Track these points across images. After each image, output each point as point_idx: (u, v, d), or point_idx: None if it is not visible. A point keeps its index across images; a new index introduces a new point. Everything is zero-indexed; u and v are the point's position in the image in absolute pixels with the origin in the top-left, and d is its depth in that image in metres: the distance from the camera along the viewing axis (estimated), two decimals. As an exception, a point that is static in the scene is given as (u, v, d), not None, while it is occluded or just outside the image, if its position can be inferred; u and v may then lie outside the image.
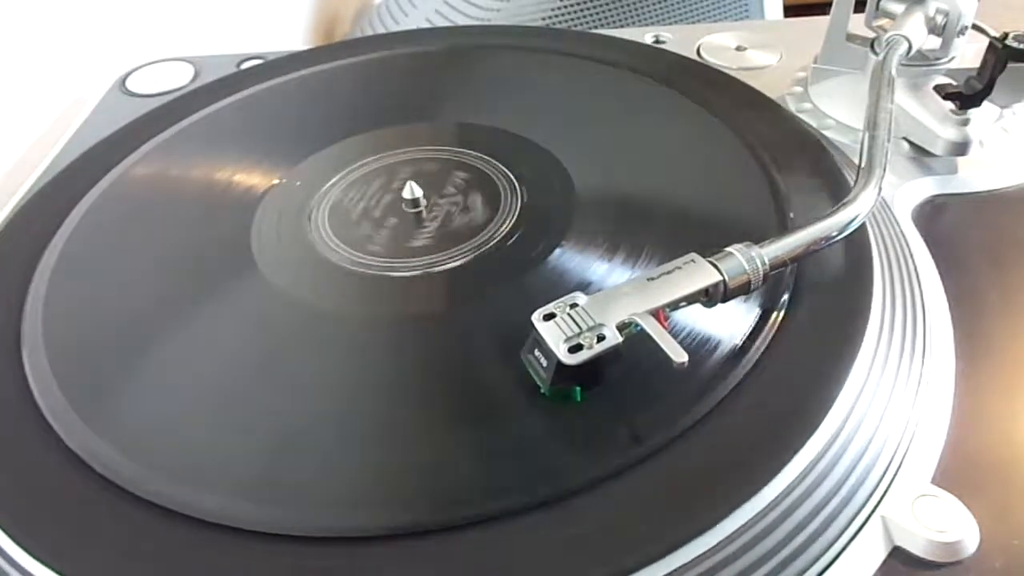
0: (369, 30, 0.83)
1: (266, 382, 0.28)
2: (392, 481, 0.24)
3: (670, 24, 0.78)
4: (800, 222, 0.29)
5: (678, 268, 0.26)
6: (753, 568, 0.22)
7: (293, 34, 0.83)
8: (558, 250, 0.31)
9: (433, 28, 0.60)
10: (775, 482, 0.23)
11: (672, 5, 0.77)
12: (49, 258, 0.34)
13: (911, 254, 0.32)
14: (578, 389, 0.25)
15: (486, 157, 0.37)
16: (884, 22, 0.41)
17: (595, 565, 0.21)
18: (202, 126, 0.42)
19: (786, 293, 0.28)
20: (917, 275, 0.31)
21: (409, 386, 0.27)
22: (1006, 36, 0.36)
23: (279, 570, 0.22)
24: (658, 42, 0.50)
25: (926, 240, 0.34)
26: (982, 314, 0.31)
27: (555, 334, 0.24)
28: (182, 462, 0.25)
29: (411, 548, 0.22)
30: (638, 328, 0.24)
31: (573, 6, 0.75)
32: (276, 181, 0.37)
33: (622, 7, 0.76)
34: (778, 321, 0.27)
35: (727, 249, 0.26)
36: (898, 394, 0.27)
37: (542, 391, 0.25)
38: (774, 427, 0.24)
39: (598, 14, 0.76)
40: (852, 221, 0.28)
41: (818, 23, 0.45)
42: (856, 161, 0.31)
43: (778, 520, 0.23)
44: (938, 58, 0.40)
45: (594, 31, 0.55)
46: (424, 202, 0.34)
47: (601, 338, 0.24)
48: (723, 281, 0.26)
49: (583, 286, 0.29)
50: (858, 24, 0.42)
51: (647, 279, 0.26)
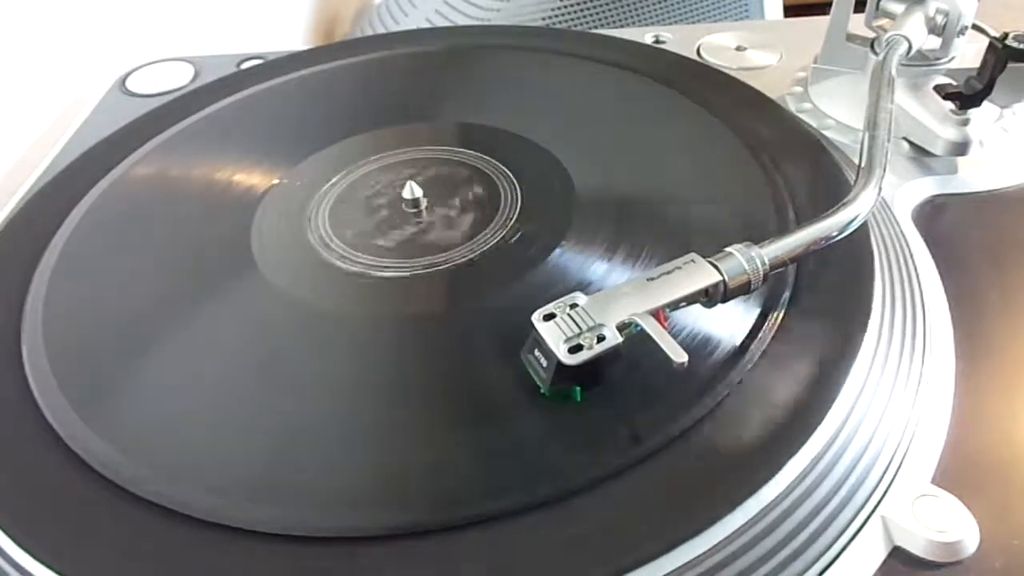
0: (369, 30, 0.83)
1: (266, 382, 0.28)
2: (392, 481, 0.24)
3: (670, 24, 0.78)
4: (800, 222, 0.29)
5: (678, 268, 0.26)
6: (753, 568, 0.22)
7: (293, 34, 0.83)
8: (558, 250, 0.31)
9: (433, 28, 0.60)
10: (775, 482, 0.23)
11: (672, 5, 0.77)
12: (49, 258, 0.34)
13: (911, 254, 0.32)
14: (578, 389, 0.25)
15: (486, 157, 0.37)
16: (884, 22, 0.41)
17: (595, 565, 0.21)
18: (202, 126, 0.42)
19: (786, 293, 0.28)
20: (917, 275, 0.31)
21: (409, 386, 0.27)
22: (1006, 36, 0.36)
23: (279, 570, 0.22)
24: (658, 42, 0.50)
25: (926, 240, 0.34)
26: (982, 314, 0.31)
27: (555, 334, 0.24)
28: (182, 462, 0.25)
29: (411, 548, 0.22)
30: (638, 328, 0.24)
31: (573, 6, 0.75)
32: (276, 181, 0.37)
33: (622, 7, 0.76)
34: (778, 321, 0.27)
35: (727, 249, 0.26)
36: (898, 394, 0.27)
37: (542, 391, 0.25)
38: (774, 427, 0.24)
39: (598, 14, 0.76)
40: (852, 221, 0.28)
41: (818, 23, 0.45)
42: (856, 161, 0.31)
43: (778, 520, 0.23)
44: (938, 58, 0.40)
45: (594, 31, 0.55)
46: (424, 202, 0.34)
47: (601, 338, 0.24)
48: (723, 281, 0.26)
49: (583, 286, 0.29)
50: (858, 24, 0.42)
51: (647, 279, 0.26)
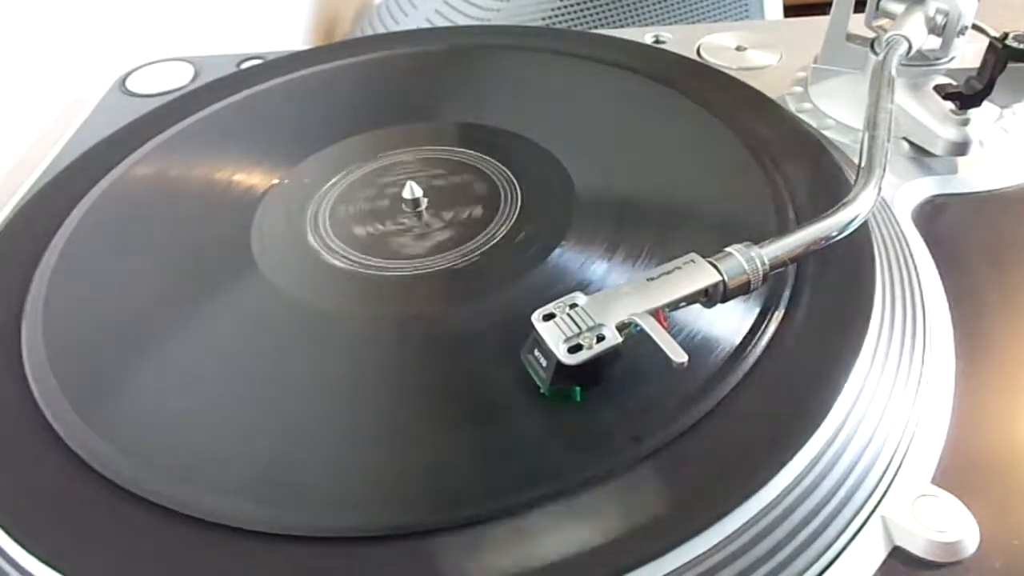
0: (369, 30, 0.83)
1: (266, 382, 0.28)
2: (392, 481, 0.24)
3: (670, 24, 0.78)
4: (800, 222, 0.29)
5: (678, 268, 0.26)
6: (753, 568, 0.22)
7: (293, 34, 0.83)
8: (558, 250, 0.31)
9: (433, 28, 0.60)
10: (775, 482, 0.23)
11: (672, 5, 0.77)
12: (49, 258, 0.34)
13: (911, 254, 0.32)
14: (578, 389, 0.25)
15: (486, 157, 0.37)
16: (884, 22, 0.40)
17: (595, 565, 0.21)
18: (202, 126, 0.42)
19: (786, 293, 0.28)
20: (917, 275, 0.31)
21: (409, 386, 0.27)
22: (1006, 36, 0.36)
23: (279, 570, 0.22)
24: (658, 42, 0.50)
25: (926, 240, 0.34)
26: (982, 314, 0.31)
27: (555, 334, 0.24)
28: (182, 462, 0.25)
29: (411, 548, 0.22)
30: (638, 328, 0.24)
31: (573, 6, 0.75)
32: (276, 181, 0.37)
33: (622, 7, 0.76)
34: (778, 321, 0.27)
35: (727, 249, 0.26)
36: (898, 394, 0.27)
37: (542, 391, 0.25)
38: (774, 427, 0.24)
39: (598, 14, 0.76)
40: (852, 221, 0.28)
41: (818, 23, 0.45)
42: (856, 161, 0.31)
43: (778, 520, 0.23)
44: (938, 58, 0.40)
45: (594, 31, 0.55)
46: (424, 202, 0.34)
47: (601, 338, 0.24)
48: (723, 281, 0.26)
49: (583, 286, 0.29)
50: (858, 24, 0.42)
51: (647, 279, 0.26)
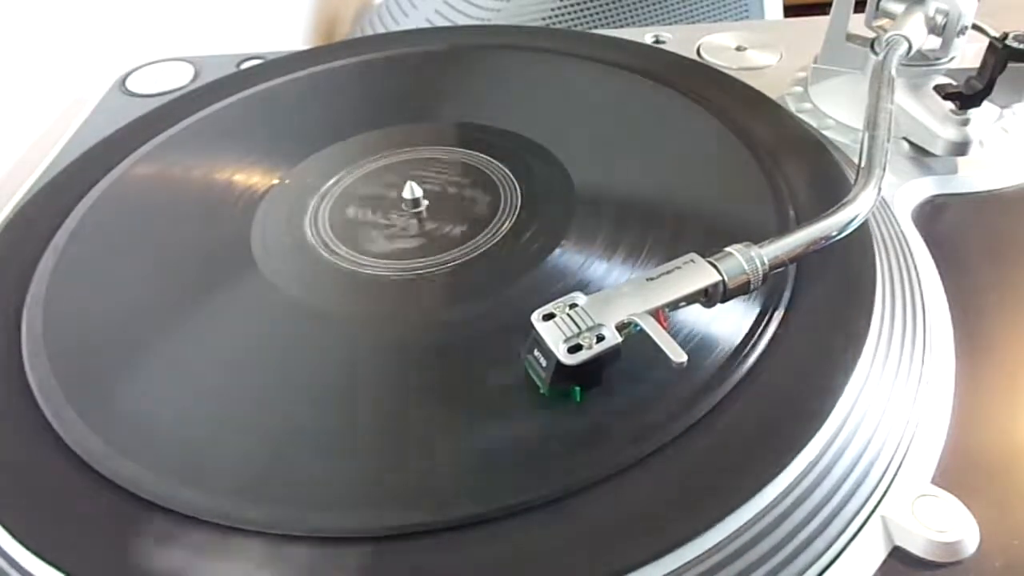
0: (369, 30, 0.83)
1: (266, 382, 0.28)
2: (391, 481, 0.24)
3: (670, 24, 0.78)
4: (800, 222, 0.29)
5: (677, 268, 0.26)
6: (753, 568, 0.22)
7: (293, 34, 0.83)
8: (558, 250, 0.31)
9: (433, 28, 0.60)
10: (775, 482, 0.23)
11: (672, 5, 0.77)
12: (49, 258, 0.34)
13: (911, 254, 0.32)
14: (577, 389, 0.25)
15: (486, 157, 0.37)
16: (884, 22, 0.40)
17: (595, 565, 0.21)
18: (202, 126, 0.42)
19: (786, 293, 0.28)
20: (917, 275, 0.31)
21: (409, 386, 0.27)
22: (1006, 36, 0.36)
23: (279, 570, 0.22)
24: (658, 42, 0.50)
25: (926, 240, 0.34)
26: (982, 314, 0.31)
27: (554, 334, 0.24)
28: (182, 462, 0.25)
29: (412, 548, 0.22)
30: (637, 328, 0.24)
31: (573, 6, 0.75)
32: (276, 181, 0.37)
33: (622, 7, 0.76)
34: (778, 321, 0.27)
35: (727, 249, 0.26)
36: (898, 394, 0.27)
37: (541, 391, 0.25)
38: (774, 427, 0.24)
39: (598, 14, 0.76)
40: (852, 221, 0.28)
41: (818, 23, 0.45)
42: (856, 161, 0.31)
43: (778, 520, 0.23)
44: (938, 58, 0.40)
45: (594, 31, 0.55)
46: (424, 202, 0.34)
47: (600, 338, 0.24)
48: (722, 281, 0.26)
49: (583, 286, 0.29)
50: (858, 24, 0.42)
51: (646, 279, 0.26)
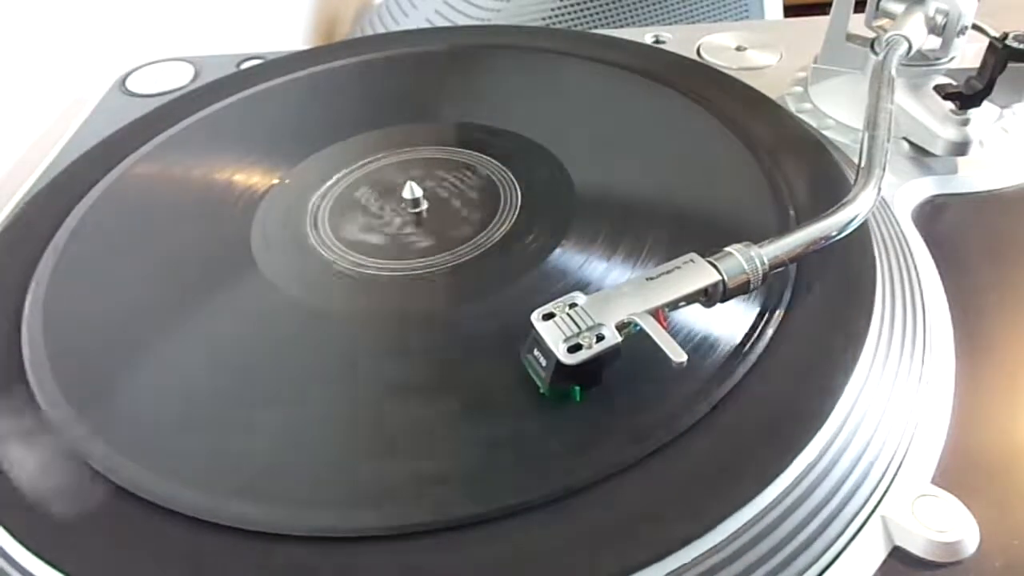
0: (369, 30, 0.83)
1: (266, 382, 0.28)
2: (392, 481, 0.24)
3: (670, 24, 0.78)
4: (800, 222, 0.29)
5: (677, 268, 0.26)
6: (753, 568, 0.22)
7: (293, 34, 0.83)
8: (558, 250, 0.31)
9: (433, 28, 0.60)
10: (776, 482, 0.23)
11: (672, 5, 0.77)
12: (49, 258, 0.34)
13: (911, 254, 0.32)
14: (577, 389, 0.25)
15: (486, 157, 0.37)
16: (884, 22, 0.40)
17: (595, 565, 0.21)
18: (202, 126, 0.42)
19: (786, 293, 0.28)
20: (917, 275, 0.31)
21: (409, 386, 0.27)
22: (1006, 36, 0.36)
23: (279, 570, 0.22)
24: (658, 42, 0.50)
25: (926, 240, 0.34)
26: (982, 314, 0.31)
27: (554, 334, 0.24)
28: (182, 462, 0.25)
29: (411, 548, 0.22)
30: (637, 328, 0.24)
31: (573, 6, 0.75)
32: (276, 181, 0.37)
33: (622, 7, 0.76)
34: (778, 321, 0.27)
35: (726, 249, 0.26)
36: (898, 394, 0.27)
37: (541, 391, 0.25)
38: (774, 427, 0.24)
39: (598, 14, 0.76)
40: (852, 221, 0.28)
41: (818, 23, 0.45)
42: (856, 161, 0.31)
43: (778, 520, 0.23)
44: (938, 58, 0.40)
45: (594, 31, 0.55)
46: (424, 202, 0.34)
47: (600, 338, 0.24)
48: (722, 281, 0.26)
49: (583, 286, 0.29)
50: (858, 24, 0.42)
51: (646, 279, 0.26)
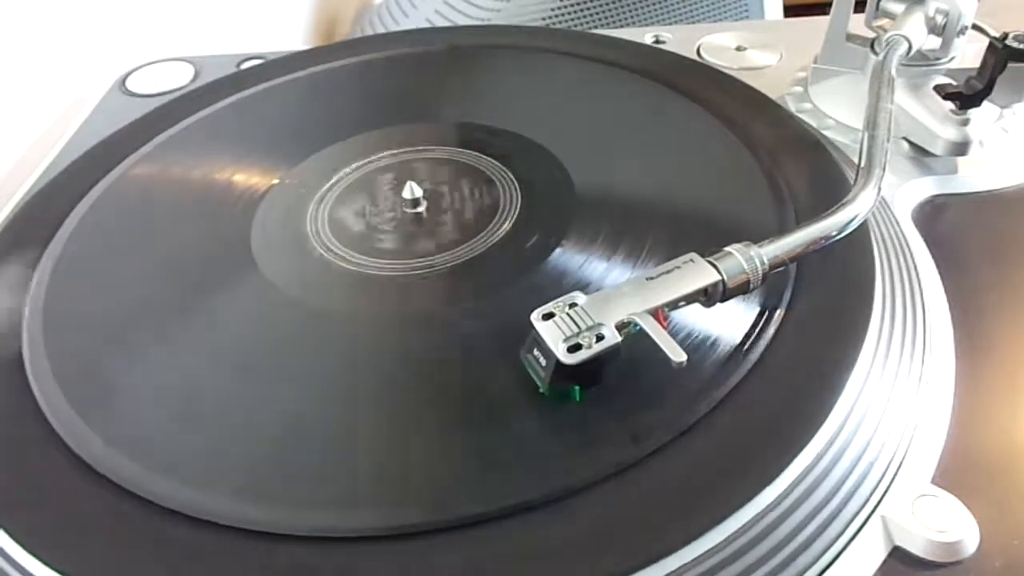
0: (369, 30, 0.83)
1: (266, 382, 0.28)
2: (391, 481, 0.24)
3: (670, 24, 0.78)
4: (800, 222, 0.29)
5: (677, 268, 0.26)
6: (753, 568, 0.22)
7: (293, 34, 0.83)
8: (558, 250, 0.31)
9: (433, 28, 0.60)
10: (776, 482, 0.23)
11: (672, 5, 0.77)
12: (49, 258, 0.34)
13: (911, 254, 0.32)
14: (577, 389, 0.25)
15: (486, 157, 0.37)
16: (884, 22, 0.40)
17: (595, 565, 0.21)
18: (202, 126, 0.42)
19: (786, 293, 0.28)
20: (917, 275, 0.31)
21: (408, 386, 0.27)
22: (1006, 36, 0.36)
23: (279, 570, 0.22)
24: (658, 42, 0.50)
25: (926, 240, 0.34)
26: (982, 314, 0.31)
27: (554, 334, 0.24)
28: (182, 462, 0.25)
29: (411, 548, 0.22)
30: (637, 328, 0.24)
31: (573, 6, 0.75)
32: (276, 181, 0.37)
33: (622, 7, 0.76)
34: (778, 321, 0.27)
35: (726, 249, 0.26)
36: (898, 394, 0.27)
37: (541, 391, 0.25)
38: (774, 427, 0.24)
39: (598, 14, 0.76)
40: (852, 221, 0.28)
41: (818, 23, 0.45)
42: (856, 161, 0.31)
43: (778, 520, 0.23)
44: (938, 58, 0.40)
45: (594, 31, 0.55)
46: (424, 202, 0.34)
47: (600, 338, 0.24)
48: (722, 281, 0.26)
49: (583, 286, 0.29)
50: (858, 24, 0.42)
51: (646, 279, 0.26)
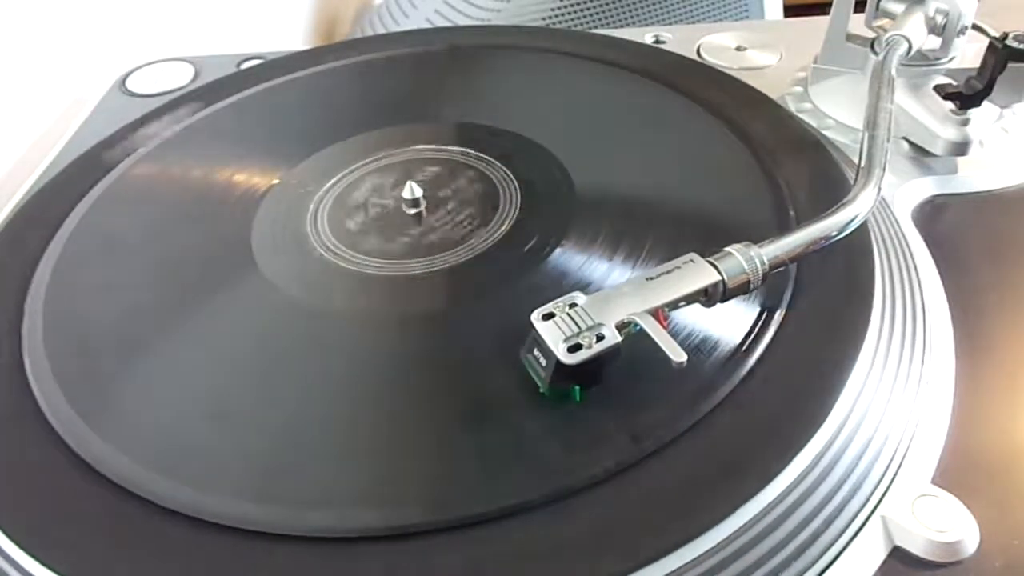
0: (369, 30, 0.83)
1: (266, 382, 0.28)
2: (391, 481, 0.24)
3: (670, 24, 0.78)
4: (800, 222, 0.29)
5: (677, 268, 0.26)
6: (753, 568, 0.22)
7: (293, 34, 0.83)
8: (558, 250, 0.31)
9: (433, 28, 0.60)
10: (775, 482, 0.23)
11: (672, 5, 0.77)
12: (49, 258, 0.34)
13: (911, 254, 0.32)
14: (577, 389, 0.25)
15: (486, 157, 0.37)
16: (884, 22, 0.40)
17: (595, 565, 0.21)
18: (202, 126, 0.42)
19: (786, 293, 0.28)
20: (917, 275, 0.31)
21: (409, 386, 0.27)
22: (1006, 36, 0.36)
23: (279, 570, 0.22)
24: (658, 42, 0.50)
25: (926, 240, 0.34)
26: (982, 314, 0.31)
27: (554, 334, 0.24)
28: (182, 462, 0.25)
29: (411, 548, 0.22)
30: (637, 328, 0.24)
31: (573, 6, 0.75)
32: (276, 181, 0.37)
33: (622, 7, 0.76)
34: (778, 321, 0.27)
35: (726, 249, 0.26)
36: (898, 394, 0.27)
37: (541, 391, 0.25)
38: (774, 427, 0.24)
39: (598, 14, 0.76)
40: (852, 221, 0.28)
41: (818, 23, 0.45)
42: (856, 161, 0.31)
43: (778, 520, 0.23)
44: (938, 58, 0.40)
45: (594, 31, 0.55)
46: (424, 202, 0.34)
47: (600, 338, 0.24)
48: (722, 281, 0.26)
49: (583, 286, 0.29)
50: (858, 24, 0.42)
51: (646, 279, 0.26)
